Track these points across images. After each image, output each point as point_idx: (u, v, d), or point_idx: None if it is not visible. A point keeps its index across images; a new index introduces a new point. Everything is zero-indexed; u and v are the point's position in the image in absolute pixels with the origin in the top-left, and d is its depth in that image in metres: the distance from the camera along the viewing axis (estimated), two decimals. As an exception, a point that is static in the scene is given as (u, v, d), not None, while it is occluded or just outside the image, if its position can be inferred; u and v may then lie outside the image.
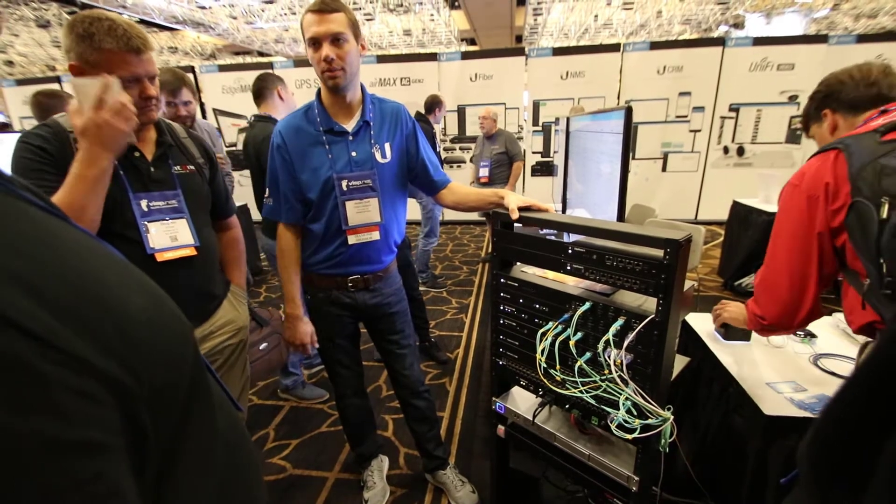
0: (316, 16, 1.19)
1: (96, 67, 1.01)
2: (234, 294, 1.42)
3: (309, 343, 1.47)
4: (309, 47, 1.22)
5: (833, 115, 1.15)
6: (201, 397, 0.38)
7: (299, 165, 1.34)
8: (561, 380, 1.00)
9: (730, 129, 5.57)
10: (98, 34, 0.98)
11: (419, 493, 1.79)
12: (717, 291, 3.75)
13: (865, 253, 0.89)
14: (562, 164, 2.51)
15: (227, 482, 0.41)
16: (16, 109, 6.63)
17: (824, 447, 0.59)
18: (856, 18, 9.41)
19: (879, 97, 1.07)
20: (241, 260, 1.50)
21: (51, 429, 0.23)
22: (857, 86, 1.10)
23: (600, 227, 0.94)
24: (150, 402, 0.30)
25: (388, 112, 1.42)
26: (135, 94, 1.06)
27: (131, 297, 0.33)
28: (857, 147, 0.93)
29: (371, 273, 1.46)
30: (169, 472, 0.33)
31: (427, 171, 1.46)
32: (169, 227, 1.18)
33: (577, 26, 10.17)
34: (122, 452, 0.28)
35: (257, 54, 12.00)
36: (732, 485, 1.28)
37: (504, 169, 4.11)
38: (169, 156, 1.21)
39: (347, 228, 1.37)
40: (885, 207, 0.84)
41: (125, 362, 0.29)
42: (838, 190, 0.94)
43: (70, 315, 0.27)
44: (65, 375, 0.25)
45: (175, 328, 0.36)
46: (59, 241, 0.31)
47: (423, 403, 1.69)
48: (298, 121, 1.35)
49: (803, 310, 1.06)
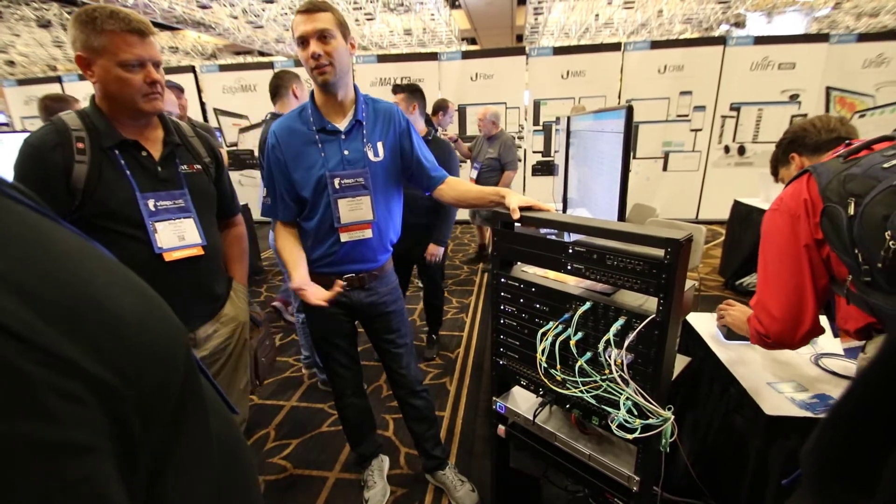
0: (303, 16, 1.20)
1: (101, 53, 1.02)
2: (236, 291, 1.42)
3: (328, 297, 1.31)
4: (298, 47, 1.23)
5: (800, 158, 1.30)
6: (194, 399, 0.38)
7: (293, 165, 1.35)
8: (561, 379, 1.00)
9: (731, 129, 5.56)
10: (101, 18, 1.00)
11: (419, 492, 1.79)
12: (719, 291, 3.74)
13: (842, 250, 0.97)
14: (562, 164, 2.51)
15: (221, 484, 0.41)
16: (17, 109, 6.63)
17: (829, 450, 0.59)
18: (857, 17, 9.38)
19: (839, 139, 1.21)
20: (244, 257, 1.51)
21: (35, 430, 0.23)
22: (818, 132, 1.26)
23: (601, 226, 0.94)
24: (139, 405, 0.30)
25: (381, 111, 1.42)
26: (140, 79, 1.06)
27: (121, 298, 0.32)
28: (823, 168, 1.05)
29: (366, 272, 1.47)
30: (162, 475, 0.33)
31: (423, 168, 1.46)
32: (176, 226, 1.19)
33: (578, 25, 10.15)
34: (110, 455, 0.27)
35: (258, 54, 12.00)
36: (733, 485, 1.28)
37: (494, 175, 3.84)
38: (176, 155, 1.22)
39: (339, 226, 1.37)
40: (852, 205, 0.94)
41: (113, 364, 0.28)
42: (815, 204, 1.03)
43: (56, 316, 0.26)
44: (50, 376, 0.24)
45: (166, 330, 0.36)
46: (48, 241, 0.30)
47: (421, 403, 1.69)
48: (292, 121, 1.37)
49: (804, 325, 1.10)
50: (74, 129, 1.08)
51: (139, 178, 1.14)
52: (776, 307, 1.12)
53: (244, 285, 1.47)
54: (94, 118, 1.10)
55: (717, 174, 5.71)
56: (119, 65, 1.03)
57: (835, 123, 1.25)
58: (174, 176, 1.20)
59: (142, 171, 1.15)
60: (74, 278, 0.30)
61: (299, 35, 1.22)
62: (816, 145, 1.25)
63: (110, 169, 1.10)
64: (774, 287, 1.12)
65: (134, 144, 1.14)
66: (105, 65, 1.03)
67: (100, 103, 1.11)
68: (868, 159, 0.98)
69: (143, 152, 1.15)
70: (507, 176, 3.87)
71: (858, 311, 1.01)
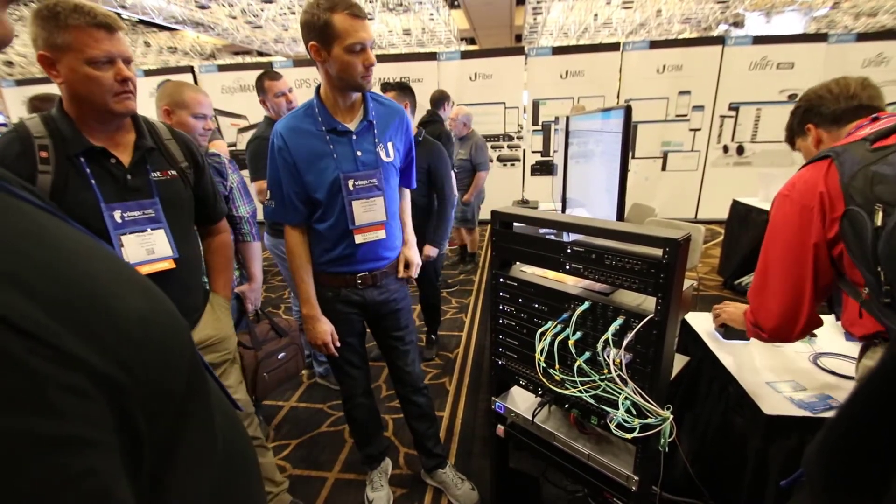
0: (360, 21, 1.19)
1: (66, 50, 0.95)
2: (216, 305, 1.35)
3: (330, 342, 1.46)
4: (347, 51, 1.19)
5: (816, 130, 1.15)
6: (199, 396, 0.38)
7: (304, 167, 1.33)
8: (560, 379, 1.00)
9: (729, 128, 5.56)
10: (64, 12, 0.93)
11: (419, 493, 1.79)
12: (717, 290, 3.75)
13: (862, 262, 0.88)
14: (561, 164, 2.51)
15: (225, 481, 0.41)
16: (15, 110, 6.64)
17: (834, 454, 0.58)
18: (856, 17, 9.39)
19: (861, 108, 1.07)
20: (227, 267, 1.43)
21: (41, 425, 0.23)
22: (836, 99, 1.09)
23: (599, 226, 0.94)
24: (145, 401, 0.30)
25: (390, 112, 1.43)
26: (110, 77, 0.99)
27: (126, 295, 0.33)
28: (848, 156, 0.92)
29: (378, 270, 1.47)
30: (166, 471, 0.33)
31: (404, 173, 1.52)
32: (145, 238, 1.12)
33: (577, 25, 10.16)
34: (115, 450, 0.27)
35: (257, 54, 11.99)
36: (732, 484, 1.28)
37: (467, 176, 3.87)
38: (147, 161, 1.14)
39: (354, 228, 1.37)
40: (879, 214, 0.83)
41: (118, 359, 0.29)
42: (833, 199, 0.93)
43: (62, 311, 0.27)
44: (55, 372, 0.25)
45: (171, 327, 0.36)
46: (55, 239, 0.31)
47: (423, 400, 1.70)
48: (298, 121, 1.34)
49: (800, 322, 1.05)
50: (38, 137, 1.01)
51: (105, 187, 1.06)
52: (774, 302, 1.07)
53: (227, 297, 1.40)
54: (59, 124, 1.03)
55: (716, 174, 5.71)
56: (87, 62, 0.96)
57: (855, 88, 1.08)
58: (145, 184, 1.13)
59: (109, 180, 1.07)
60: (81, 275, 0.30)
61: (359, 41, 1.18)
62: (835, 116, 1.10)
63: (75, 178, 1.03)
64: (774, 282, 1.07)
65: (101, 151, 1.06)
66: (71, 63, 0.96)
67: (67, 107, 1.04)
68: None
69: (112, 159, 1.08)
70: (480, 177, 3.89)
71: (871, 319, 0.95)
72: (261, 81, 2.24)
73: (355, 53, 1.20)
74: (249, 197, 1.81)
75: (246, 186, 1.83)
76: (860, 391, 0.58)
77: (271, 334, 1.75)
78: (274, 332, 1.76)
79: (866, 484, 0.53)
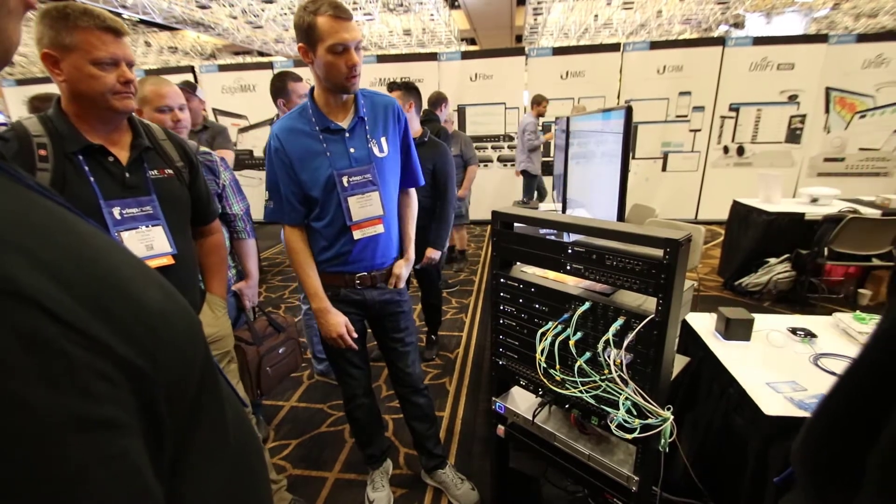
0: (342, 22, 1.18)
1: (73, 50, 0.97)
2: (212, 304, 1.37)
3: (345, 333, 1.45)
4: (329, 52, 1.20)
5: None
6: (211, 389, 0.40)
7: (299, 165, 1.34)
8: (561, 380, 1.00)
9: (730, 129, 5.57)
10: (74, 14, 0.96)
11: (419, 493, 1.79)
12: (718, 291, 3.75)
13: None
14: (562, 164, 2.51)
15: (237, 474, 0.43)
16: (15, 109, 6.65)
17: (816, 448, 0.59)
18: (856, 18, 9.40)
19: None
20: (221, 267, 1.44)
21: (78, 406, 0.25)
22: None
23: (600, 226, 0.94)
24: (165, 389, 0.32)
25: (381, 105, 1.42)
26: (113, 79, 1.02)
27: (146, 289, 0.34)
28: None
29: (377, 271, 1.47)
30: (181, 461, 0.34)
31: (405, 169, 1.51)
32: (144, 235, 1.13)
33: (577, 26, 10.16)
34: (140, 435, 0.29)
35: (257, 54, 12.00)
36: (732, 485, 1.28)
37: (458, 172, 3.95)
38: (144, 159, 1.16)
39: (352, 224, 1.38)
40: None
41: (143, 349, 0.30)
42: None
43: (92, 301, 0.28)
44: (87, 357, 0.26)
45: (187, 321, 0.37)
46: (81, 233, 0.32)
47: (423, 401, 1.70)
48: (293, 121, 1.36)
49: None
50: (36, 136, 1.02)
51: (104, 184, 1.08)
52: None
53: (222, 297, 1.41)
54: (56, 123, 1.04)
55: (716, 174, 5.72)
56: (92, 62, 0.99)
57: None
58: (142, 182, 1.14)
59: (107, 178, 1.09)
60: (106, 268, 0.32)
61: (340, 42, 1.18)
62: None
63: (74, 176, 1.05)
64: None
65: (99, 149, 1.08)
66: (76, 62, 0.98)
67: (65, 106, 1.06)
68: None
69: (110, 157, 1.09)
70: (472, 170, 3.99)
71: None
72: (283, 82, 2.20)
73: (338, 54, 1.20)
74: (242, 194, 1.81)
75: (239, 184, 1.81)
76: (840, 382, 0.58)
77: (269, 330, 1.76)
78: (272, 327, 1.76)
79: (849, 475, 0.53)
